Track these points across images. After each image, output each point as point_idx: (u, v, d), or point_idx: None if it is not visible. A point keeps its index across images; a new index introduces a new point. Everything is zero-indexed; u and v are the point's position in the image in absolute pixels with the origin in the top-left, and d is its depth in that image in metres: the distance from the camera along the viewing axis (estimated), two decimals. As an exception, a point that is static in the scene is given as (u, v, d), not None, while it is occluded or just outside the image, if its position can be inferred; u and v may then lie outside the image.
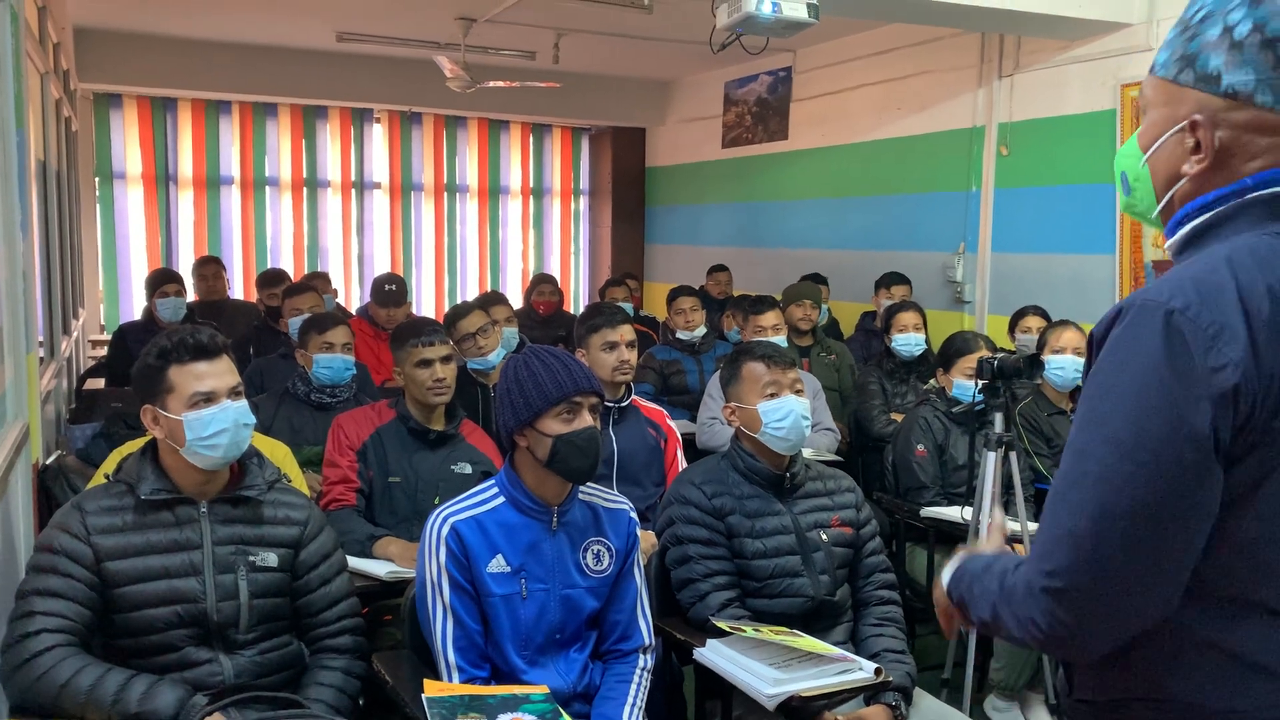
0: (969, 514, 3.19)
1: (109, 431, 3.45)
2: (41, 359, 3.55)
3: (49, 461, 3.23)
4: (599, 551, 2.21)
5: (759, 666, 2.12)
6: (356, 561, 2.60)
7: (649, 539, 2.61)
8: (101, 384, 5.25)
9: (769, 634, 2.21)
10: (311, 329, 3.61)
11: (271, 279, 6.07)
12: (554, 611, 2.14)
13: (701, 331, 5.13)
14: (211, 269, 6.25)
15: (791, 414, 2.52)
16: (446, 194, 8.95)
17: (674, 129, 8.90)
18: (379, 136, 8.71)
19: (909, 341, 4.72)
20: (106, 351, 5.81)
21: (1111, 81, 4.95)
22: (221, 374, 2.08)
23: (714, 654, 2.21)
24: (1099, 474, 1.09)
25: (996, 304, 5.67)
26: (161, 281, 5.44)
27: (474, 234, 9.12)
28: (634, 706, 2.14)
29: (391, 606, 2.65)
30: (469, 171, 9.05)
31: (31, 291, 3.20)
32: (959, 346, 3.77)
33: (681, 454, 3.34)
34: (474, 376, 3.82)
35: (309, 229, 8.48)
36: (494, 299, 4.66)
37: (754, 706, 2.14)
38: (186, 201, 8.13)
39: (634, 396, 3.34)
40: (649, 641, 2.26)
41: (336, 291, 6.85)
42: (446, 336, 3.21)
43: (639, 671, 2.21)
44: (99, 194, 7.87)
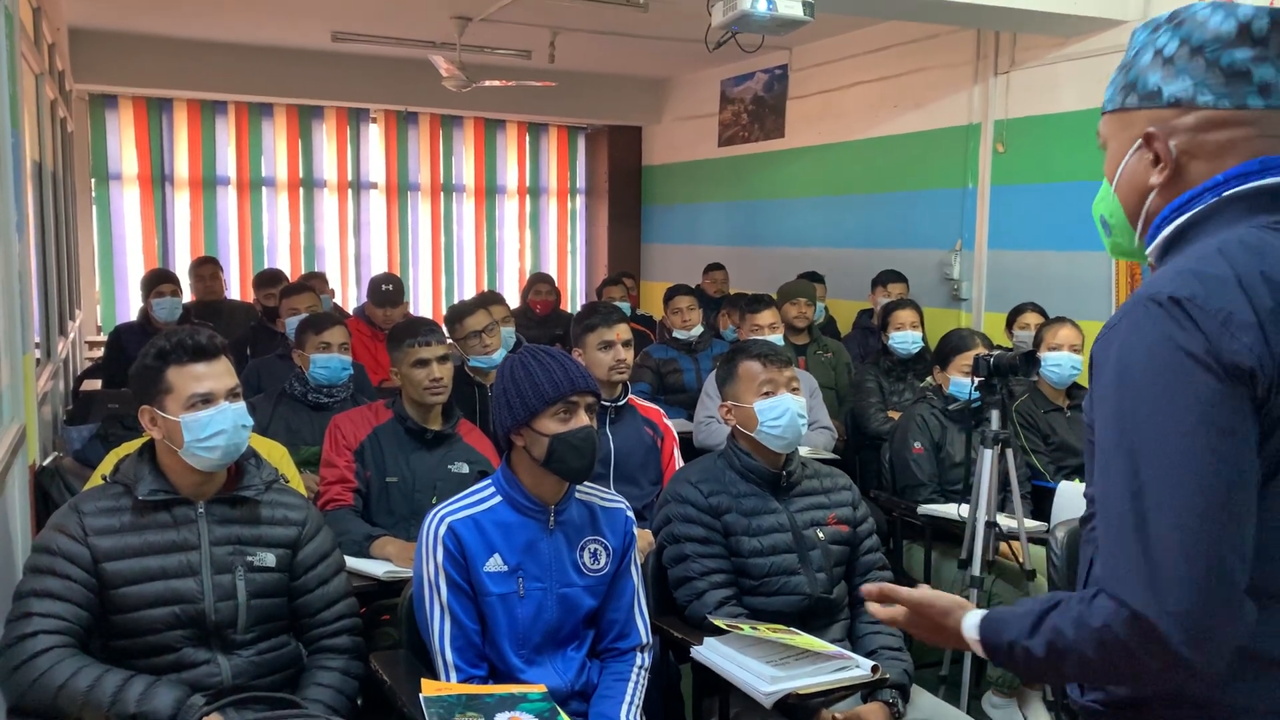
0: (965, 511, 3.19)
1: (105, 433, 3.45)
2: (38, 360, 3.55)
3: (46, 463, 3.23)
4: (596, 550, 2.22)
5: (756, 664, 2.12)
6: (354, 561, 2.60)
7: (646, 538, 2.61)
8: (98, 385, 5.24)
9: (766, 632, 2.21)
10: (308, 329, 3.61)
11: (268, 279, 6.07)
12: (551, 610, 2.14)
13: (698, 330, 5.13)
14: (208, 269, 6.24)
15: (788, 412, 2.52)
16: (443, 194, 8.95)
17: (670, 127, 8.91)
18: (375, 136, 8.71)
19: (906, 339, 4.73)
20: (103, 352, 5.81)
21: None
22: (219, 375, 2.08)
23: (711, 652, 2.22)
24: (1167, 473, 1.06)
25: (993, 301, 5.67)
26: (158, 282, 5.44)
27: (470, 234, 9.12)
28: (631, 705, 2.15)
29: (389, 606, 2.65)
30: (465, 171, 9.05)
31: (28, 292, 3.20)
32: (956, 344, 3.78)
33: (678, 453, 3.34)
34: (471, 376, 3.82)
35: (305, 229, 8.47)
36: (491, 298, 4.66)
37: (751, 704, 2.15)
38: (182, 202, 8.13)
39: (631, 395, 3.34)
40: (646, 640, 2.26)
41: (333, 292, 6.84)
42: (445, 335, 3.22)
43: (636, 670, 2.21)
44: (95, 195, 7.86)
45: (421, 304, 8.78)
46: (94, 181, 7.85)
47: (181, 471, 2.07)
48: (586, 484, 2.24)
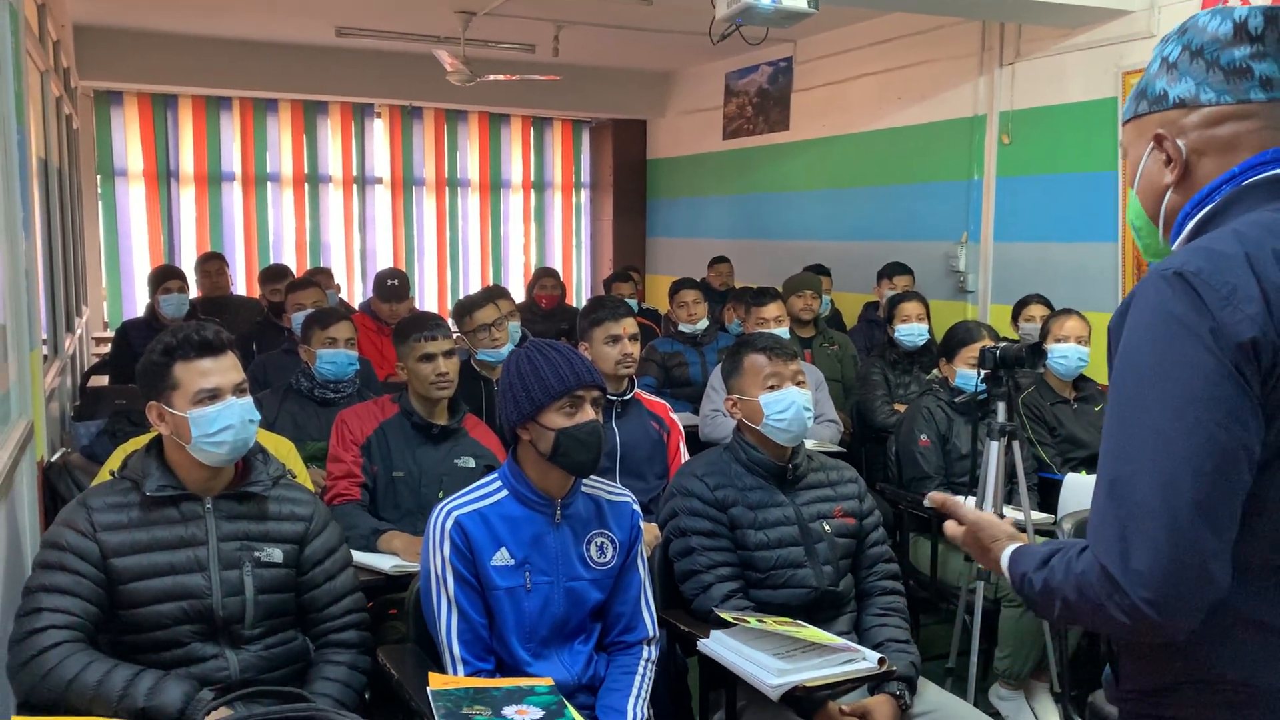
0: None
1: (113, 429, 3.46)
2: (45, 357, 3.56)
3: (54, 459, 3.24)
4: (602, 544, 2.22)
5: (763, 657, 2.12)
6: (361, 556, 2.61)
7: (652, 531, 2.61)
8: (105, 381, 5.25)
9: (772, 625, 2.22)
10: (314, 324, 3.61)
11: (274, 275, 6.07)
12: (558, 604, 2.15)
13: (704, 324, 5.13)
14: (214, 265, 6.25)
15: (793, 405, 2.52)
16: (448, 188, 8.95)
17: (674, 121, 8.89)
18: (380, 131, 8.71)
19: (912, 331, 4.72)
20: (110, 349, 5.82)
21: (1113, 69, 4.93)
22: (226, 371, 2.08)
23: (718, 645, 2.22)
24: (1156, 440, 1.11)
25: (999, 293, 5.66)
26: (164, 278, 5.44)
27: (475, 228, 9.12)
28: (638, 697, 2.15)
29: (396, 600, 2.66)
30: (470, 166, 9.05)
31: (34, 289, 3.21)
32: (962, 336, 3.77)
33: (684, 446, 3.34)
34: (477, 370, 3.82)
35: (311, 224, 8.48)
36: (497, 293, 4.66)
37: (758, 697, 2.15)
38: (188, 198, 8.14)
39: (636, 389, 3.34)
40: (653, 633, 2.26)
41: (339, 287, 6.85)
42: (453, 329, 3.22)
43: (643, 663, 2.22)
44: (101, 191, 7.88)
45: (427, 299, 8.78)
46: (99, 178, 7.86)
47: (189, 467, 2.07)
48: (592, 478, 2.25)
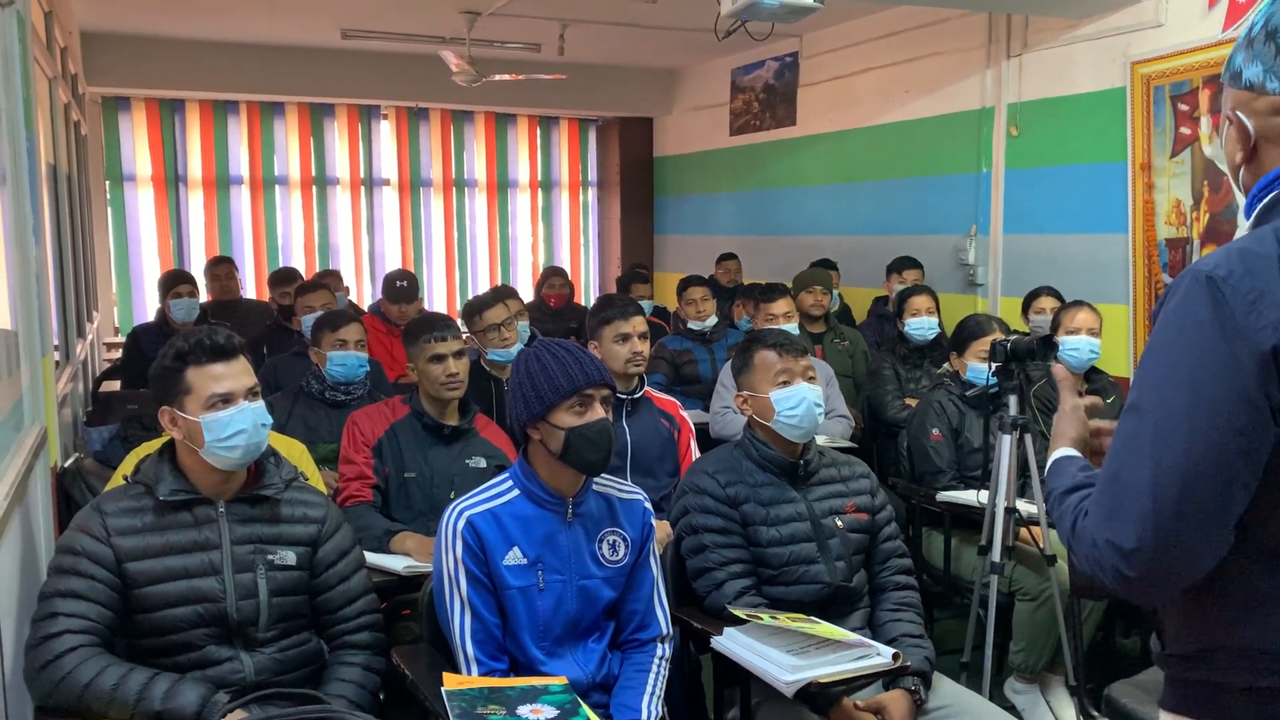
0: (985, 497, 3.18)
1: (126, 433, 3.47)
2: (57, 363, 3.57)
3: (67, 464, 3.25)
4: (614, 542, 2.22)
5: (776, 654, 2.12)
6: (374, 557, 2.62)
7: (664, 529, 2.61)
8: (117, 386, 5.28)
9: (786, 621, 2.21)
10: (324, 326, 3.62)
11: (283, 278, 6.09)
12: (571, 602, 2.15)
13: (713, 321, 5.13)
14: (224, 269, 6.27)
15: (804, 402, 2.51)
16: (455, 189, 8.96)
17: (681, 118, 8.89)
18: (386, 133, 8.72)
19: (922, 326, 4.71)
20: (121, 354, 5.84)
21: (1121, 59, 4.91)
22: (238, 375, 2.09)
23: (731, 642, 2.22)
24: (1157, 435, 1.17)
25: (1009, 286, 5.64)
26: (174, 283, 5.46)
27: (483, 228, 9.13)
28: (652, 695, 2.15)
29: (409, 601, 2.66)
30: (477, 166, 9.05)
31: (45, 295, 3.22)
32: (972, 329, 3.76)
33: (695, 444, 3.34)
34: (486, 370, 3.83)
35: (319, 227, 8.50)
36: (505, 293, 4.65)
37: (772, 693, 2.15)
38: (196, 202, 8.16)
39: (646, 387, 3.34)
40: (666, 631, 2.26)
41: (348, 289, 6.86)
42: (462, 329, 3.22)
43: (657, 660, 2.22)
44: (109, 197, 7.91)
45: (436, 299, 8.80)
46: (108, 184, 7.89)
47: (202, 471, 2.08)
48: (604, 476, 2.25)
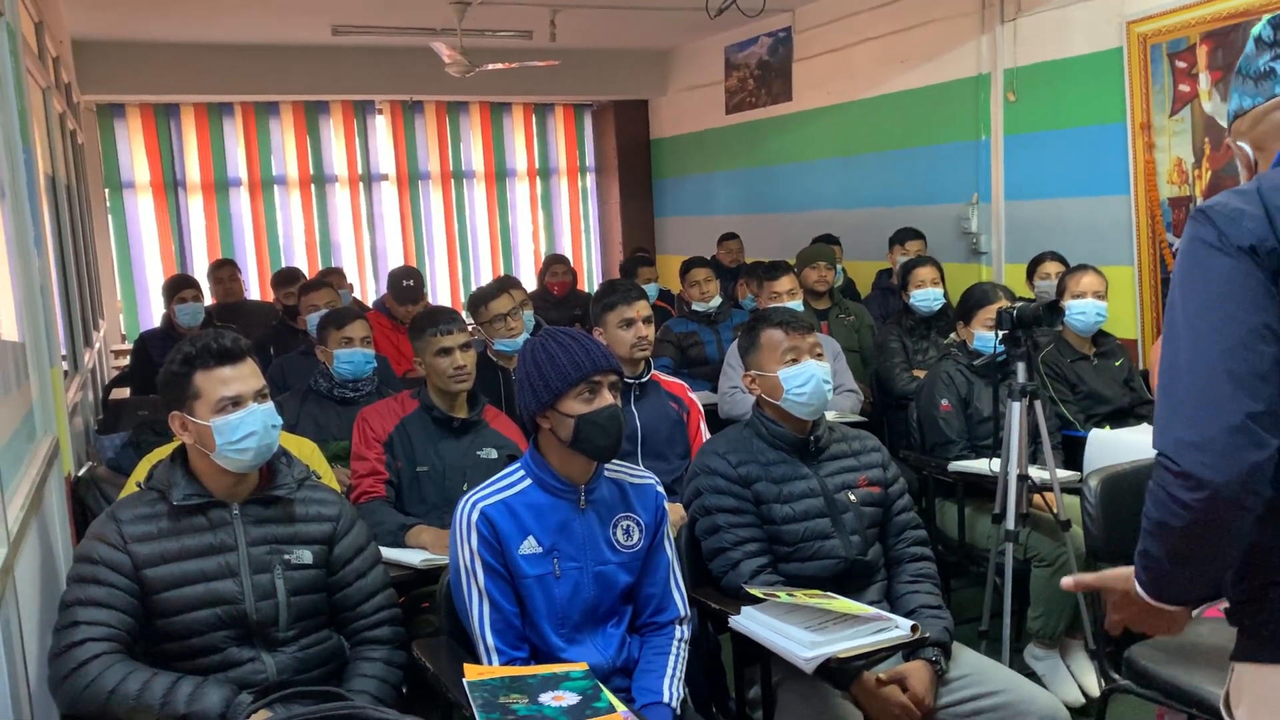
0: (997, 466, 3.18)
1: (137, 440, 3.48)
2: (66, 373, 3.58)
3: (81, 473, 3.26)
4: (629, 527, 2.22)
5: (795, 631, 2.12)
6: (390, 552, 2.63)
7: (677, 511, 2.61)
8: (127, 393, 5.29)
9: (803, 598, 2.22)
10: (330, 325, 3.63)
11: (286, 278, 6.10)
12: (588, 589, 2.15)
13: (717, 301, 5.12)
14: (227, 271, 6.28)
15: (813, 379, 2.51)
16: (453, 181, 8.94)
17: (676, 99, 8.85)
18: (382, 128, 8.70)
19: (927, 297, 4.70)
20: (129, 361, 5.86)
21: (1116, 19, 4.87)
22: (246, 377, 2.09)
23: (749, 621, 2.22)
24: (1191, 346, 1.32)
25: (1013, 253, 5.62)
26: (178, 288, 5.47)
27: (483, 219, 9.12)
28: (673, 677, 2.16)
29: (428, 594, 2.68)
30: (474, 156, 9.03)
31: (51, 306, 3.23)
32: (978, 298, 3.75)
33: (704, 425, 3.34)
34: (493, 361, 3.83)
35: (319, 225, 8.49)
36: (509, 283, 4.67)
37: (793, 671, 2.15)
38: (196, 206, 8.16)
39: (654, 371, 3.34)
40: (684, 613, 2.27)
41: (352, 286, 6.87)
42: (468, 320, 3.22)
43: (676, 642, 2.23)
44: (109, 204, 7.91)
45: (439, 292, 8.79)
46: (107, 191, 7.89)
47: (214, 474, 2.09)
48: (615, 462, 2.25)
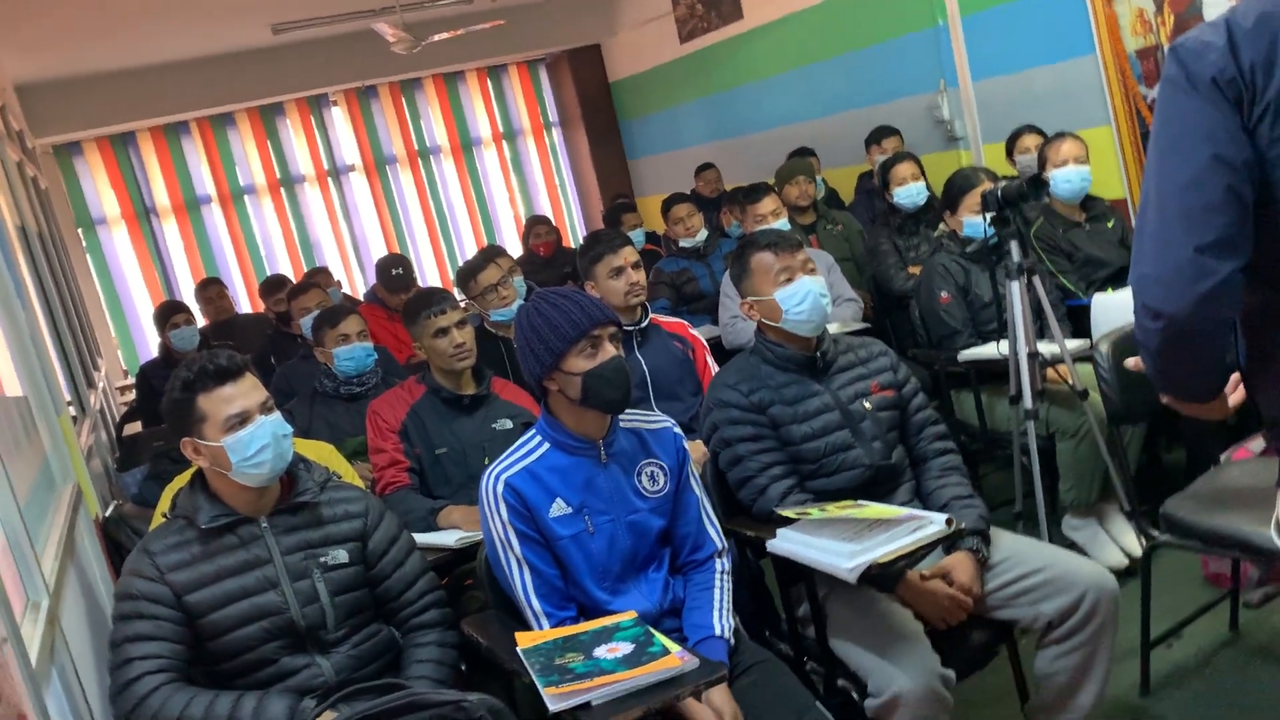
0: (1005, 348, 3.18)
1: (157, 471, 3.50)
2: (74, 418, 3.59)
3: (108, 514, 3.28)
4: (653, 472, 2.23)
5: (833, 544, 2.14)
6: (424, 537, 2.64)
7: (698, 449, 2.62)
8: (139, 427, 5.31)
9: (835, 511, 2.23)
10: (324, 324, 3.62)
11: (273, 286, 6.07)
12: (623, 539, 2.17)
13: (703, 235, 5.09)
14: (214, 290, 6.26)
15: (809, 295, 2.50)
16: (421, 160, 8.86)
17: (628, 38, 8.72)
18: (340, 119, 8.61)
19: (910, 192, 4.66)
20: (135, 395, 5.87)
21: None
22: (248, 392, 2.09)
23: (786, 542, 2.24)
24: (1158, 181, 1.42)
25: (989, 133, 5.55)
26: (169, 314, 5.46)
27: (457, 193, 9.05)
28: (721, 609, 2.18)
29: (469, 571, 2.70)
30: (437, 132, 8.94)
31: (46, 355, 3.23)
32: (960, 185, 3.72)
33: (711, 359, 3.34)
34: (492, 332, 3.82)
35: (296, 227, 8.45)
36: (494, 252, 4.63)
37: (837, 583, 2.17)
38: (171, 230, 8.12)
39: (652, 315, 3.33)
40: (721, 545, 2.29)
41: (340, 283, 6.84)
42: (460, 297, 3.22)
43: (718, 576, 2.25)
44: (85, 243, 7.87)
45: (427, 273, 8.76)
46: (81, 231, 7.85)
47: (236, 492, 2.10)
48: (629, 411, 2.25)
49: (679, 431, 2.32)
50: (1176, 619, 2.88)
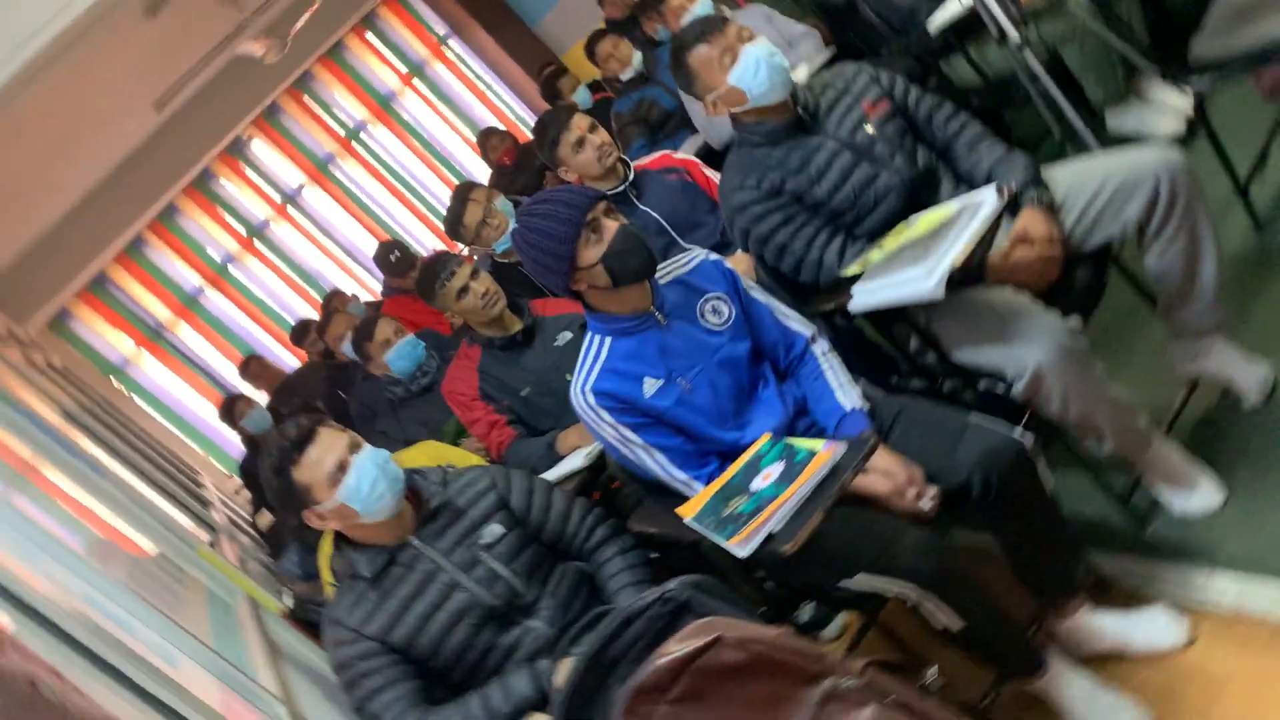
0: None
1: (305, 543, 3.63)
2: (211, 543, 3.73)
3: (288, 603, 3.43)
4: (714, 306, 2.22)
5: (906, 273, 2.11)
6: (554, 472, 2.71)
7: (742, 261, 2.60)
8: (269, 516, 5.49)
9: (892, 244, 2.20)
10: (362, 341, 3.65)
11: (301, 332, 6.13)
12: (721, 379, 2.18)
13: (637, 58, 4.92)
14: (254, 365, 6.35)
15: (759, 62, 2.40)
16: (354, 142, 8.70)
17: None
18: (264, 149, 8.47)
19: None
20: (249, 492, 6.05)
21: None
22: (332, 443, 2.13)
23: (864, 296, 2.21)
24: None
25: None
26: (230, 409, 5.57)
27: (404, 152, 8.88)
28: (840, 387, 2.19)
29: (610, 478, 2.76)
30: (353, 108, 8.74)
31: (153, 507, 3.33)
32: None
33: (709, 170, 3.27)
34: (505, 261, 3.80)
35: (288, 267, 8.44)
36: (464, 190, 4.56)
37: (934, 304, 2.14)
38: (187, 333, 8.20)
39: (635, 163, 3.26)
40: (810, 332, 2.28)
41: (355, 296, 6.86)
42: (460, 257, 3.21)
43: (822, 358, 2.25)
44: (124, 386, 8.01)
45: (425, 241, 8.71)
46: (113, 378, 7.98)
47: (376, 531, 2.16)
48: (661, 265, 2.23)
49: (715, 256, 2.29)
50: (1256, 150, 2.80)
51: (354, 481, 2.09)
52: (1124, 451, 2.22)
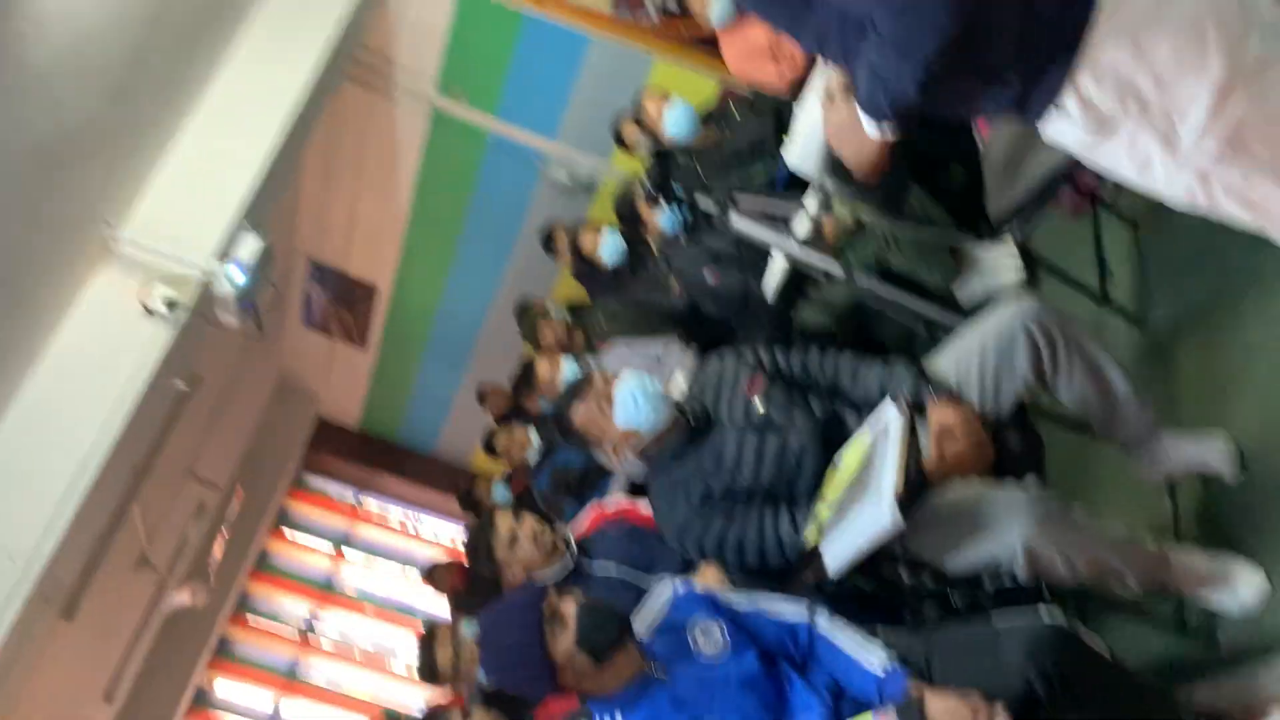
0: (782, 255, 3.19)
1: None
2: None
3: None
4: (703, 630, 2.16)
5: (858, 519, 2.07)
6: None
7: (707, 574, 2.53)
8: None
9: (832, 495, 2.18)
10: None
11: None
12: (747, 703, 2.03)
13: (534, 435, 5.05)
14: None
15: (633, 396, 2.46)
16: (311, 635, 8.52)
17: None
18: (228, 685, 8.20)
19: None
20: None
21: None
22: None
23: (837, 559, 2.13)
24: None
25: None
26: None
27: (362, 624, 8.71)
28: (860, 649, 2.10)
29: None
30: (296, 607, 8.62)
31: None
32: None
33: (643, 503, 3.24)
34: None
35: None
36: (428, 635, 4.27)
37: (911, 529, 2.09)
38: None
39: (572, 534, 3.24)
40: (806, 613, 2.20)
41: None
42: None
43: (830, 633, 2.16)
44: None
45: (416, 699, 8.36)
46: None
47: None
48: (634, 619, 2.15)
49: (682, 583, 2.24)
50: (1094, 261, 2.96)
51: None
52: (1151, 579, 2.15)
